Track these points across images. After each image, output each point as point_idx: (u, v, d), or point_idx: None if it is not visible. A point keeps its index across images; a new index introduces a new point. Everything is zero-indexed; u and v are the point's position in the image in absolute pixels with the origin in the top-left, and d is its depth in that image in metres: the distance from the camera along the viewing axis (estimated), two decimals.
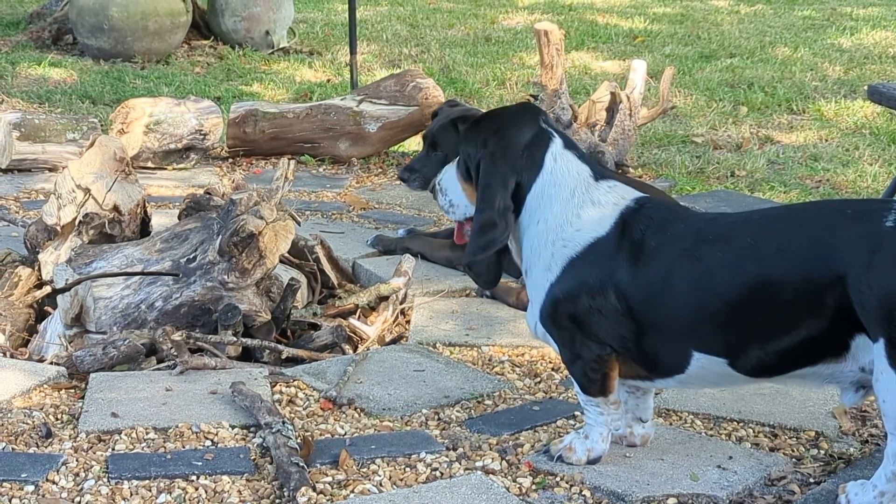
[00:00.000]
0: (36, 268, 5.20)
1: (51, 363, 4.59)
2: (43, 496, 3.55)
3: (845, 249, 3.29)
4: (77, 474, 3.67)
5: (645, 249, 3.51)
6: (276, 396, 4.26)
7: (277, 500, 3.54)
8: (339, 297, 5.38)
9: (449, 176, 3.80)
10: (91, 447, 3.84)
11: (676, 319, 3.47)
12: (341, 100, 8.17)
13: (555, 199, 3.62)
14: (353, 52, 9.34)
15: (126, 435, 3.91)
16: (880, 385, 3.29)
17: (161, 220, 5.65)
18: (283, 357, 4.72)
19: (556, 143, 3.68)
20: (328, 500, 3.53)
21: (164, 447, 3.84)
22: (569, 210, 3.61)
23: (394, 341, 4.97)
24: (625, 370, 3.64)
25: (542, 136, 3.67)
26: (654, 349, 3.55)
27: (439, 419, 4.12)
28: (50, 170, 7.44)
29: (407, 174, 6.28)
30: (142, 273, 4.75)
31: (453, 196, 3.79)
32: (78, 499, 3.54)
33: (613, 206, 3.61)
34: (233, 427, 3.98)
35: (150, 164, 7.62)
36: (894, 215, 3.31)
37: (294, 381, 4.40)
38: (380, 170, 7.89)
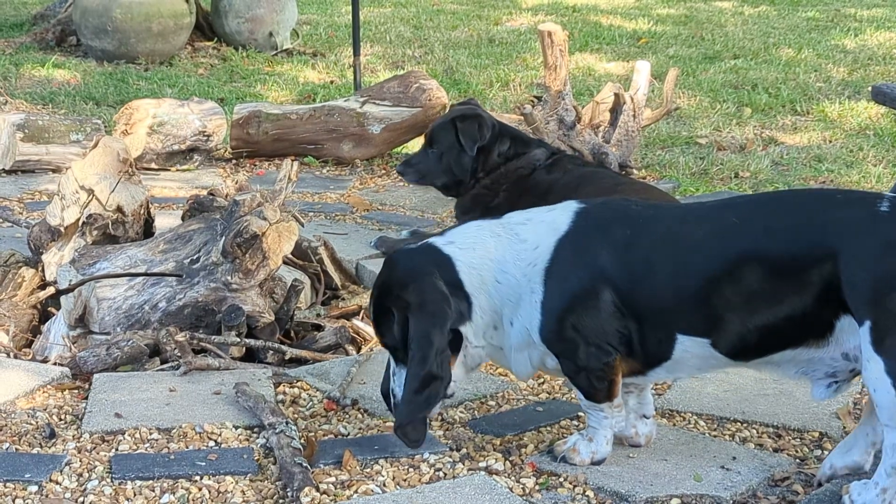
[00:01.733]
0: (39, 269, 5.21)
1: (54, 364, 4.59)
2: (46, 496, 3.54)
3: (838, 229, 3.31)
4: (80, 475, 3.67)
5: (620, 235, 3.53)
6: (280, 397, 4.26)
7: (281, 501, 3.54)
8: (343, 299, 5.38)
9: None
10: (94, 448, 3.84)
11: (659, 301, 3.49)
12: (345, 101, 8.17)
13: (494, 281, 3.64)
14: (356, 53, 9.34)
15: (129, 435, 3.91)
16: (868, 373, 3.29)
17: (164, 222, 5.65)
18: (287, 358, 4.71)
19: (458, 257, 3.65)
20: (331, 501, 3.52)
21: (168, 448, 3.84)
22: (507, 253, 3.62)
23: None
24: (623, 369, 3.64)
25: (445, 265, 3.64)
26: (643, 337, 3.54)
27: (443, 420, 4.11)
28: (53, 171, 7.45)
29: (403, 167, 6.33)
30: (145, 274, 4.75)
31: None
32: (81, 499, 3.54)
33: (552, 213, 3.67)
34: (236, 427, 3.98)
35: (153, 166, 7.63)
36: (888, 202, 3.34)
37: (297, 381, 4.40)
38: (383, 171, 7.89)
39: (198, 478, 3.65)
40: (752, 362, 3.57)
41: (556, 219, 3.60)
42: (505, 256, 3.59)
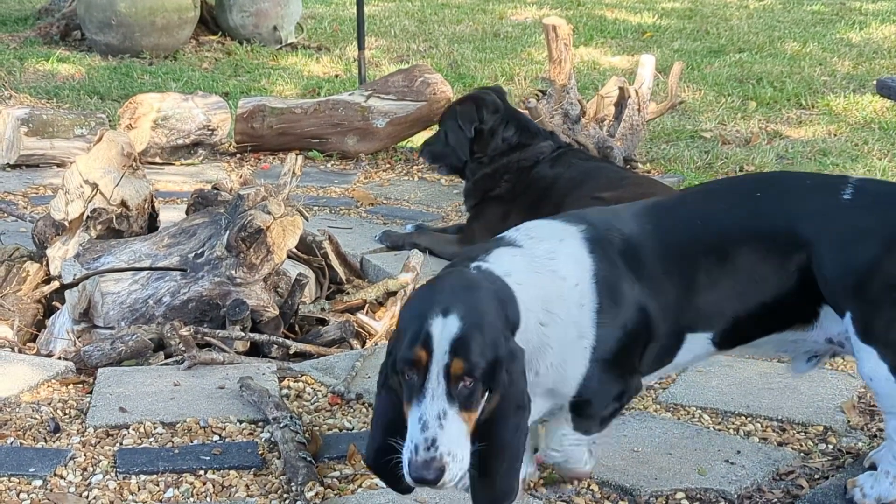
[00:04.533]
0: (44, 263, 5.21)
1: (59, 358, 4.59)
2: (51, 491, 3.55)
3: (806, 221, 3.30)
4: (85, 469, 3.67)
5: (638, 260, 3.30)
6: (284, 391, 4.26)
7: (285, 495, 3.54)
8: (347, 293, 5.38)
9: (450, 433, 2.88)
10: (99, 442, 3.85)
11: (677, 310, 3.33)
12: (349, 95, 8.17)
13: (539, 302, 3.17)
14: (361, 47, 9.33)
15: (134, 430, 3.91)
16: (862, 364, 3.29)
17: (169, 216, 5.65)
18: (291, 352, 4.71)
19: (520, 295, 3.11)
20: (336, 495, 3.52)
21: (172, 442, 3.84)
22: (552, 290, 3.19)
23: None
24: None
25: (511, 304, 3.08)
26: (657, 349, 3.36)
27: None
28: (58, 165, 7.46)
29: (422, 147, 6.53)
30: (150, 268, 4.75)
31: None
32: (86, 493, 3.54)
33: (565, 241, 3.30)
34: (240, 422, 3.98)
35: (157, 160, 7.63)
36: (852, 188, 3.33)
37: (302, 376, 4.40)
38: (388, 165, 7.89)
39: (202, 472, 3.66)
40: (736, 349, 3.53)
41: (573, 251, 3.25)
42: (550, 294, 3.18)
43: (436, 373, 2.86)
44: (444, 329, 2.88)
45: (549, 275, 3.19)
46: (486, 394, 2.92)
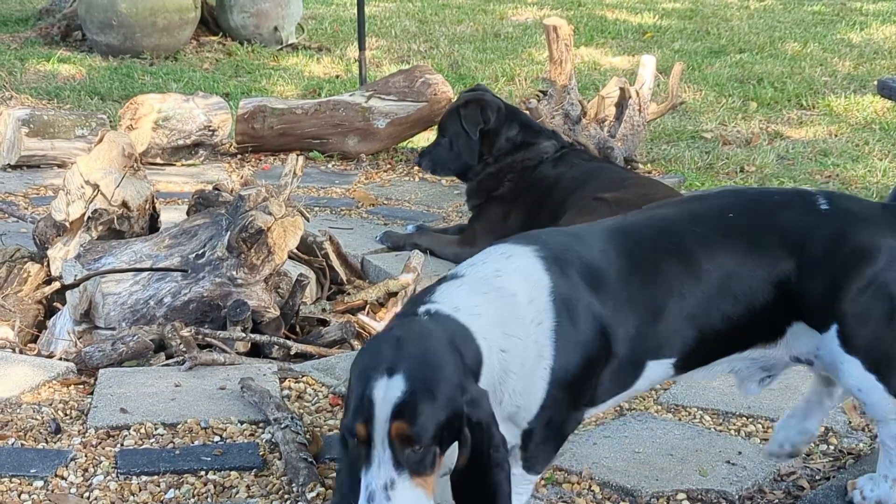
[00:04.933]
0: (45, 264, 5.21)
1: (60, 359, 4.59)
2: (52, 491, 3.55)
3: (787, 235, 3.22)
4: (86, 470, 3.67)
5: (592, 275, 3.07)
6: (285, 392, 4.26)
7: (286, 496, 3.54)
8: (348, 293, 5.38)
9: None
10: (100, 443, 3.85)
11: (640, 334, 3.10)
12: (350, 96, 8.17)
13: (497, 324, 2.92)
14: (361, 48, 9.34)
15: (135, 430, 3.91)
16: (847, 376, 3.25)
17: (170, 216, 5.65)
18: (292, 353, 4.71)
19: (476, 329, 2.87)
20: None
21: (173, 443, 3.84)
22: (506, 311, 2.95)
23: None
24: None
25: (468, 344, 2.84)
26: (614, 375, 3.14)
27: None
28: (59, 166, 7.46)
29: (419, 158, 6.46)
30: (151, 269, 4.75)
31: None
32: (87, 494, 3.54)
33: (517, 259, 3.06)
34: (241, 423, 3.98)
35: (158, 160, 7.64)
36: (825, 199, 3.29)
37: (303, 376, 4.40)
38: (388, 166, 7.89)
39: (203, 473, 3.66)
40: (694, 371, 3.34)
41: (523, 266, 3.02)
42: (505, 315, 2.93)
43: (380, 440, 2.64)
44: (387, 392, 2.64)
45: (497, 293, 2.94)
46: (450, 448, 2.72)
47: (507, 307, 2.93)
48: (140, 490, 3.56)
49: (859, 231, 3.24)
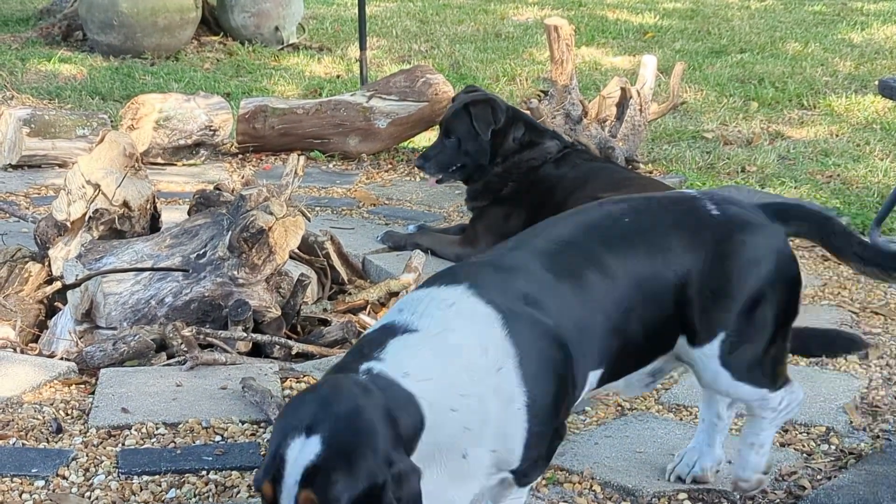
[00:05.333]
0: (46, 263, 5.21)
1: (61, 359, 4.59)
2: (53, 491, 3.55)
3: (682, 243, 3.15)
4: (87, 469, 3.67)
5: (531, 297, 2.93)
6: (287, 392, 4.26)
7: None
8: (349, 293, 5.38)
9: None
10: (101, 442, 3.85)
11: (578, 343, 2.98)
12: (351, 96, 8.17)
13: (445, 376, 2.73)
14: (362, 47, 9.33)
15: (136, 430, 3.91)
16: (720, 379, 3.25)
17: (171, 216, 5.65)
18: (294, 353, 4.71)
19: (421, 394, 2.65)
20: None
21: (174, 442, 3.84)
22: (457, 369, 2.74)
23: None
24: None
25: (408, 408, 2.63)
26: (577, 386, 3.04)
27: None
28: (60, 166, 7.46)
29: (422, 161, 6.31)
30: (152, 269, 4.75)
31: None
32: (88, 494, 3.54)
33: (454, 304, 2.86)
34: (243, 422, 3.98)
35: (159, 160, 7.63)
36: (713, 203, 3.24)
37: (304, 376, 4.40)
38: (390, 166, 7.89)
39: (204, 472, 3.66)
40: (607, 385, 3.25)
41: (467, 311, 2.82)
42: (460, 376, 2.72)
43: None
44: (300, 453, 2.41)
45: (450, 353, 2.73)
46: None
47: (462, 366, 2.73)
48: (141, 490, 3.56)
49: (749, 239, 3.20)
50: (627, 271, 3.10)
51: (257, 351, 4.72)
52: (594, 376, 3.07)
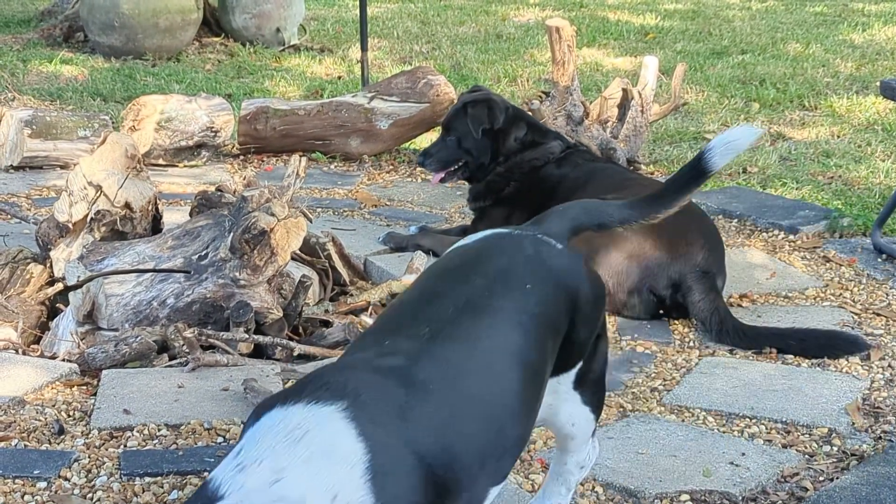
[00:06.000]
0: (48, 265, 5.21)
1: (63, 360, 4.59)
2: (55, 493, 3.55)
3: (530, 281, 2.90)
4: (89, 471, 3.67)
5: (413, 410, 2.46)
6: None
7: None
8: (351, 294, 5.38)
9: None
10: (103, 444, 3.85)
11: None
12: (352, 97, 8.17)
13: None
14: (364, 48, 9.33)
15: (138, 432, 3.92)
16: (564, 411, 3.08)
17: (172, 218, 5.65)
18: (295, 354, 4.71)
19: None
20: None
21: (176, 444, 3.84)
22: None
23: None
24: None
25: None
26: None
27: None
28: (61, 167, 7.46)
29: (422, 158, 6.36)
30: (153, 270, 4.75)
31: None
32: (90, 495, 3.54)
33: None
34: (245, 424, 3.97)
35: (161, 161, 7.63)
36: (549, 237, 3.14)
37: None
38: (391, 167, 7.89)
39: (206, 474, 3.65)
40: None
41: (324, 442, 2.32)
42: None
43: None
44: None
45: None
46: None
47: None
48: (143, 491, 3.56)
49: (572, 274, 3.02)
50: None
51: (259, 352, 4.72)
52: (496, 491, 2.67)
